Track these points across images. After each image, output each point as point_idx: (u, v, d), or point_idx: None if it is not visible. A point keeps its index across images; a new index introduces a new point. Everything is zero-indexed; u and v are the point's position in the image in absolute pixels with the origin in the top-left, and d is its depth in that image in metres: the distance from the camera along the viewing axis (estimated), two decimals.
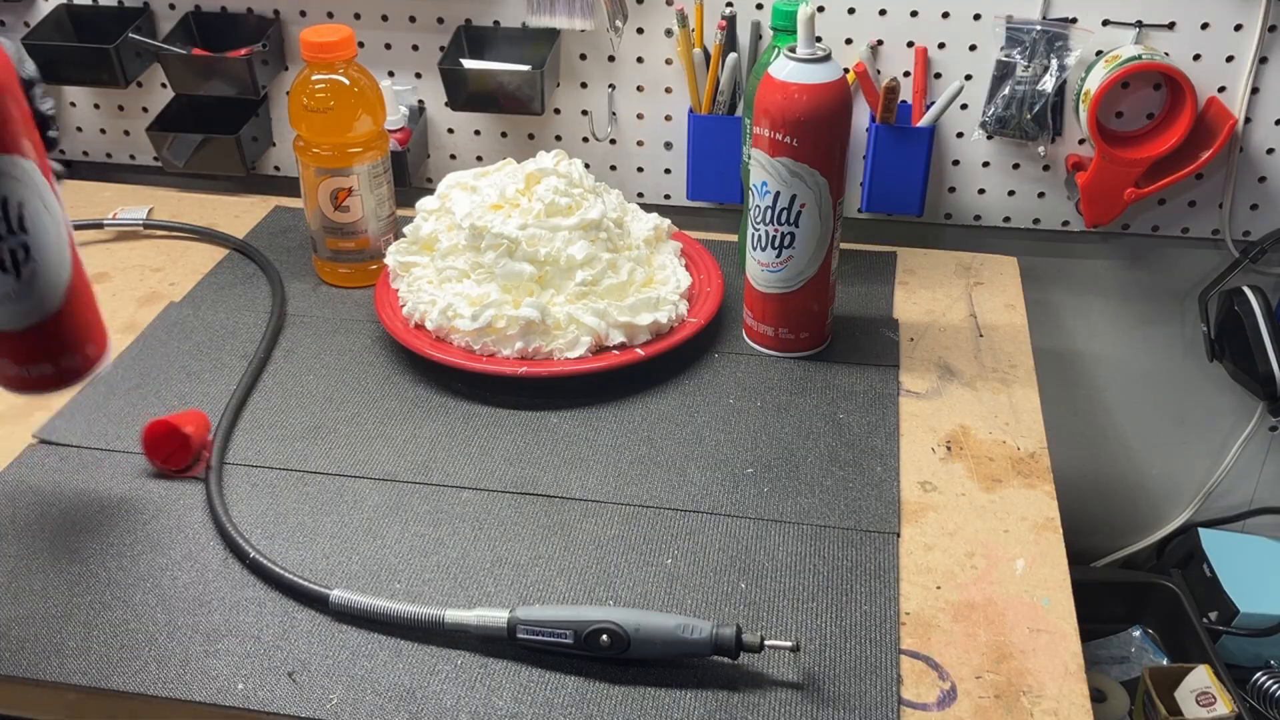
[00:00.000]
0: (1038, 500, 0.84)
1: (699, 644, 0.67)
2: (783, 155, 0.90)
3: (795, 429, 0.90)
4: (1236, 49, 1.07)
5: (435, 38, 1.19)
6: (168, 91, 1.23)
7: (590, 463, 0.87)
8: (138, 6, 1.23)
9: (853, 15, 1.11)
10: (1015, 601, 0.75)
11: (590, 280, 0.96)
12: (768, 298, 0.97)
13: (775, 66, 0.90)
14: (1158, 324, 1.24)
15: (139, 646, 0.71)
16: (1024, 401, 0.94)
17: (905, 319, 1.05)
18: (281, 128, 1.27)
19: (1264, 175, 1.12)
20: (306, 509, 0.82)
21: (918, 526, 0.81)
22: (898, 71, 1.13)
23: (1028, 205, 1.18)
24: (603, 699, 0.67)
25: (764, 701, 0.67)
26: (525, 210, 0.97)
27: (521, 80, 1.12)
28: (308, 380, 0.96)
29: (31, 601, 0.74)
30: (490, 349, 0.94)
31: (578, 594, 0.75)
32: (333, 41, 0.98)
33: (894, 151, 1.11)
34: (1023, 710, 0.67)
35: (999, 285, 1.11)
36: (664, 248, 1.05)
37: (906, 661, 0.70)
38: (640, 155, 1.22)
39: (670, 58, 1.16)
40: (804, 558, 0.78)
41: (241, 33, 1.21)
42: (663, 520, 0.81)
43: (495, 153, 1.25)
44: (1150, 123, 1.12)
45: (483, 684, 0.68)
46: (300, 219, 1.20)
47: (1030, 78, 1.09)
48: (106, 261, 1.14)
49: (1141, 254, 1.20)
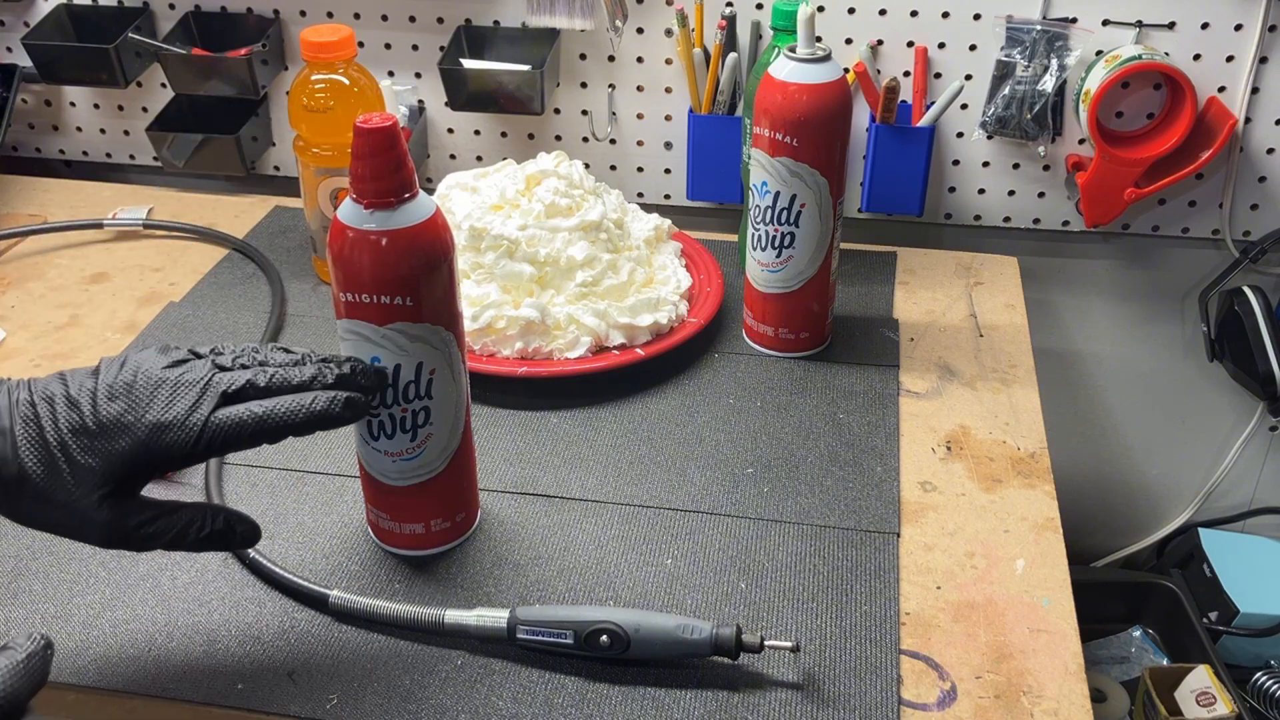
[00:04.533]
0: (1038, 500, 0.84)
1: (699, 644, 0.67)
2: (783, 155, 0.90)
3: (795, 429, 0.90)
4: (1236, 49, 1.07)
5: (435, 38, 1.19)
6: (167, 91, 1.23)
7: (590, 463, 0.87)
8: (138, 6, 1.23)
9: (853, 15, 1.11)
10: (1015, 601, 0.75)
11: (590, 281, 0.96)
12: (768, 298, 0.97)
13: (775, 66, 0.90)
14: (1158, 324, 1.24)
15: (139, 646, 0.71)
16: (1024, 401, 0.94)
17: (905, 319, 1.05)
18: (281, 128, 1.27)
19: (1264, 175, 1.12)
20: (306, 509, 0.82)
21: (918, 526, 0.81)
22: (898, 71, 1.13)
23: (1028, 205, 1.18)
24: (603, 699, 0.67)
25: (764, 701, 0.67)
26: (525, 211, 0.97)
27: (521, 80, 1.12)
28: None
29: (31, 601, 0.74)
30: (490, 349, 0.94)
31: (578, 594, 0.75)
32: (333, 41, 0.98)
33: (894, 151, 1.11)
34: (1023, 710, 0.67)
35: (999, 285, 1.11)
36: (664, 248, 1.05)
37: (906, 661, 0.70)
38: (640, 155, 1.22)
39: (670, 58, 1.16)
40: (804, 558, 0.78)
41: (241, 33, 1.21)
42: (663, 520, 0.81)
43: (495, 153, 1.25)
44: (1150, 123, 1.12)
45: (483, 684, 0.68)
46: (300, 219, 1.20)
47: (1030, 78, 1.09)
48: (106, 261, 1.14)
49: (1141, 254, 1.20)
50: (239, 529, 0.66)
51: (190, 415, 0.61)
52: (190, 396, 0.62)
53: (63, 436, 0.60)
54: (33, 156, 1.36)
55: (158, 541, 0.63)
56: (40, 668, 0.54)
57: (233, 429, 0.62)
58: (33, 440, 0.60)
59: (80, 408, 0.61)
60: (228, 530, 0.65)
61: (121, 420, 0.61)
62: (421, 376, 0.70)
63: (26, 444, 0.60)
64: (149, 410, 0.61)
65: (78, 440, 0.60)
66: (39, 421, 0.60)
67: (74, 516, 0.61)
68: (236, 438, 0.62)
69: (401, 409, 0.71)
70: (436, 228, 0.68)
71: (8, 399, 0.61)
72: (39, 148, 1.35)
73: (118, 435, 0.60)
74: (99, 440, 0.60)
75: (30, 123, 1.33)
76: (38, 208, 1.23)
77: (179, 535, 0.64)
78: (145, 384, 0.62)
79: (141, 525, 0.62)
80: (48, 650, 0.55)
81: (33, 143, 1.35)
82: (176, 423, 0.61)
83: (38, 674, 0.54)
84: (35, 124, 1.33)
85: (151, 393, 0.62)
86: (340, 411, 0.65)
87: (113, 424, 0.61)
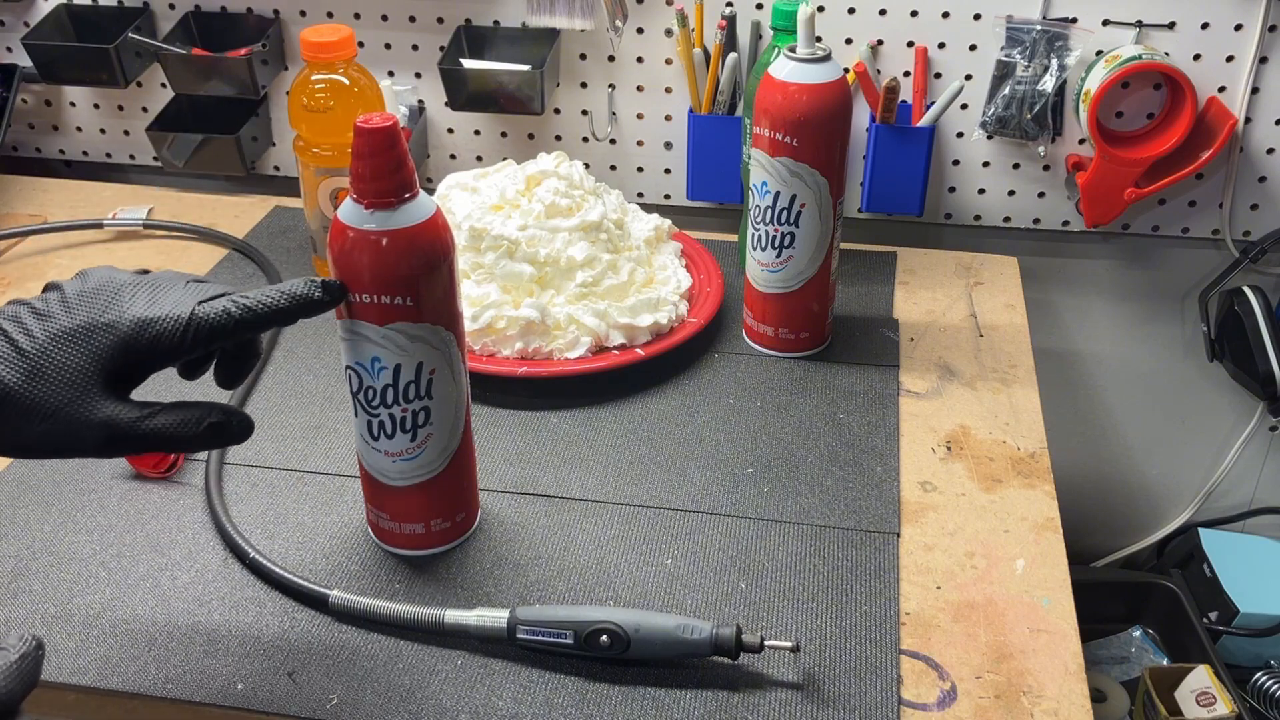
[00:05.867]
0: (1038, 500, 0.84)
1: (699, 644, 0.67)
2: (783, 155, 0.90)
3: (795, 429, 0.90)
4: (1236, 49, 1.07)
5: (435, 38, 1.19)
6: (168, 91, 1.23)
7: (590, 463, 0.87)
8: (138, 6, 1.23)
9: (853, 15, 1.11)
10: (1015, 601, 0.75)
11: (590, 281, 0.96)
12: (768, 298, 0.97)
13: (775, 66, 0.90)
14: (1158, 324, 1.24)
15: (139, 646, 0.71)
16: (1024, 401, 0.94)
17: (905, 319, 1.05)
18: (281, 128, 1.27)
19: (1264, 175, 1.12)
20: (306, 509, 0.82)
21: (918, 526, 0.81)
22: (898, 71, 1.13)
23: (1028, 205, 1.18)
24: (603, 699, 0.67)
25: (764, 701, 0.67)
26: (525, 211, 0.97)
27: (521, 80, 1.12)
28: (307, 380, 0.96)
29: (31, 601, 0.74)
30: (490, 349, 0.94)
31: (578, 594, 0.75)
32: (333, 41, 0.98)
33: (894, 151, 1.11)
34: (1023, 710, 0.67)
35: (999, 285, 1.11)
36: (664, 248, 1.05)
37: (906, 661, 0.70)
38: (640, 155, 1.22)
39: (670, 58, 1.16)
40: (804, 558, 0.78)
41: (241, 33, 1.21)
42: (663, 520, 0.81)
43: (495, 153, 1.25)
44: (1150, 123, 1.12)
45: (483, 684, 0.68)
46: (300, 219, 1.20)
47: (1030, 78, 1.09)
48: (106, 261, 1.14)
49: (1141, 254, 1.20)
50: (234, 420, 0.63)
51: (175, 308, 0.61)
52: (174, 293, 0.62)
53: (40, 344, 0.58)
54: (33, 156, 1.36)
55: (159, 440, 0.61)
56: (32, 669, 0.54)
57: (218, 318, 0.61)
58: (7, 356, 0.58)
59: (53, 317, 0.60)
60: (225, 422, 0.63)
61: (101, 319, 0.60)
62: (421, 376, 0.70)
63: (2, 361, 0.58)
64: (131, 307, 0.60)
65: (58, 344, 0.59)
66: (9, 337, 0.59)
67: (67, 424, 0.58)
68: (223, 328, 0.61)
69: (401, 409, 0.71)
70: (436, 228, 0.68)
71: None
72: (39, 148, 1.35)
73: (100, 333, 0.59)
74: (81, 340, 0.59)
75: (30, 123, 1.33)
76: (38, 208, 1.23)
77: (179, 430, 0.61)
78: (120, 286, 0.61)
79: (139, 420, 0.60)
80: (39, 651, 0.55)
81: (33, 143, 1.35)
82: (162, 316, 0.60)
83: (30, 675, 0.54)
84: (35, 124, 1.33)
85: (132, 292, 0.61)
86: (320, 296, 0.65)
87: (93, 323, 0.59)
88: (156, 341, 0.60)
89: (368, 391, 0.70)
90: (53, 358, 0.59)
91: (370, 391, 0.70)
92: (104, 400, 0.59)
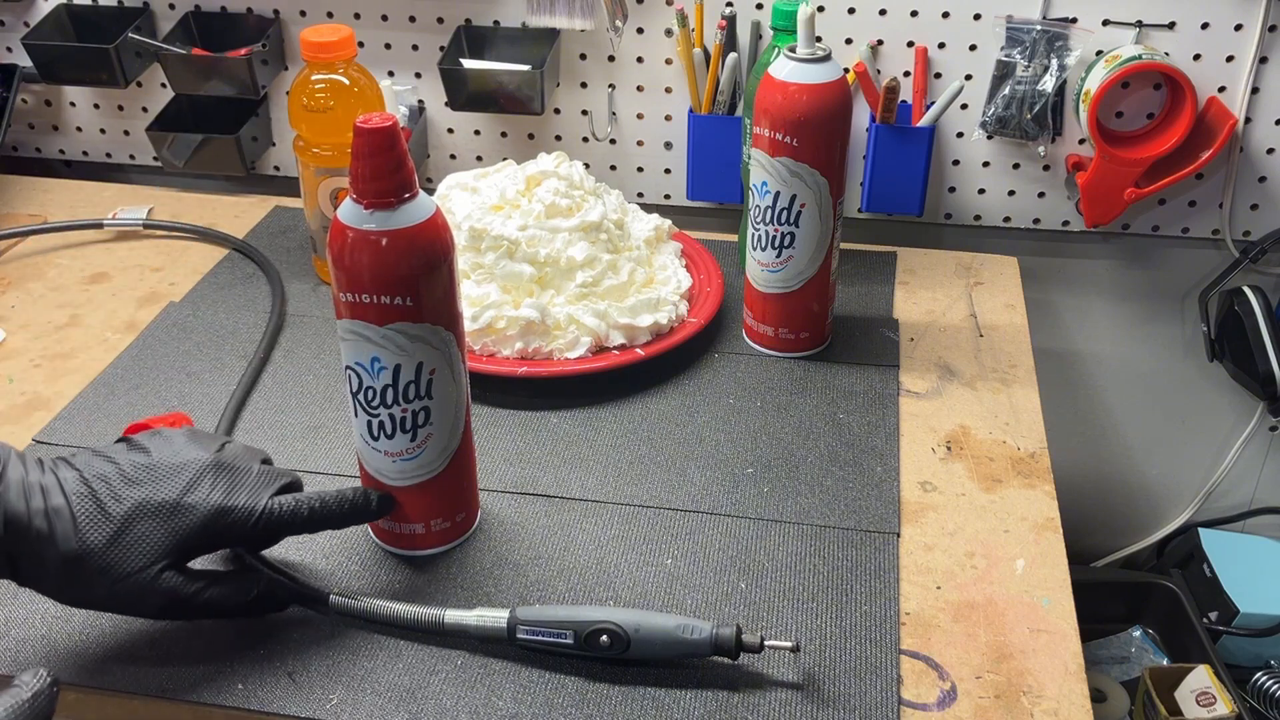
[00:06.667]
0: (1038, 500, 0.84)
1: (699, 644, 0.67)
2: (783, 155, 0.90)
3: (795, 429, 0.90)
4: (1236, 49, 1.07)
5: (435, 38, 1.19)
6: (168, 91, 1.23)
7: (590, 463, 0.87)
8: (138, 6, 1.23)
9: (853, 15, 1.11)
10: (1015, 601, 0.75)
11: (590, 281, 0.96)
12: (768, 298, 0.97)
13: (775, 66, 0.90)
14: (1158, 324, 1.24)
15: (139, 646, 0.71)
16: (1024, 401, 0.94)
17: (905, 319, 1.05)
18: (281, 128, 1.27)
19: (1264, 175, 1.12)
20: None
21: (918, 526, 0.81)
22: (898, 71, 1.13)
23: (1028, 205, 1.18)
24: (603, 699, 0.67)
25: (764, 701, 0.67)
26: (525, 212, 0.97)
27: (521, 80, 1.12)
28: (307, 380, 0.96)
29: (32, 601, 0.74)
30: (490, 349, 0.94)
31: (578, 594, 0.75)
32: (333, 41, 0.98)
33: (894, 151, 1.11)
34: (1023, 710, 0.67)
35: (999, 285, 1.11)
36: (664, 248, 1.05)
37: (906, 661, 0.70)
38: (640, 155, 1.22)
39: (670, 58, 1.16)
40: (804, 558, 0.78)
41: (241, 33, 1.21)
42: (662, 520, 0.81)
43: (495, 153, 1.25)
44: (1150, 123, 1.12)
45: (483, 684, 0.68)
46: (300, 219, 1.20)
47: (1030, 78, 1.09)
48: (106, 261, 1.14)
49: (1141, 254, 1.20)
50: (278, 590, 0.71)
51: (250, 499, 0.67)
52: (249, 480, 0.68)
53: (126, 511, 0.64)
54: (33, 156, 1.36)
55: (211, 609, 0.68)
56: (46, 707, 0.54)
57: (287, 514, 0.68)
58: (92, 516, 0.63)
59: (139, 484, 0.65)
60: (269, 593, 0.71)
61: (185, 499, 0.66)
62: (421, 376, 0.70)
63: (88, 520, 0.63)
64: (212, 494, 0.66)
65: (142, 516, 0.64)
66: (98, 499, 0.64)
67: (135, 588, 0.64)
68: (290, 523, 0.69)
69: (401, 409, 0.71)
70: (436, 228, 0.68)
71: (53, 478, 0.64)
72: (39, 148, 1.35)
73: (183, 514, 0.65)
74: (164, 517, 0.65)
75: (30, 123, 1.33)
76: (38, 208, 1.23)
77: (227, 600, 0.68)
78: (204, 468, 0.67)
79: (198, 593, 0.67)
80: (54, 689, 0.55)
81: (33, 143, 1.35)
82: (239, 506, 0.67)
83: (43, 714, 0.54)
84: (35, 124, 1.33)
85: (214, 477, 0.67)
86: (374, 506, 0.73)
87: (176, 503, 0.65)
88: (229, 529, 0.67)
89: (368, 391, 0.71)
90: (135, 528, 0.64)
91: (370, 391, 0.70)
92: (170, 571, 0.66)
